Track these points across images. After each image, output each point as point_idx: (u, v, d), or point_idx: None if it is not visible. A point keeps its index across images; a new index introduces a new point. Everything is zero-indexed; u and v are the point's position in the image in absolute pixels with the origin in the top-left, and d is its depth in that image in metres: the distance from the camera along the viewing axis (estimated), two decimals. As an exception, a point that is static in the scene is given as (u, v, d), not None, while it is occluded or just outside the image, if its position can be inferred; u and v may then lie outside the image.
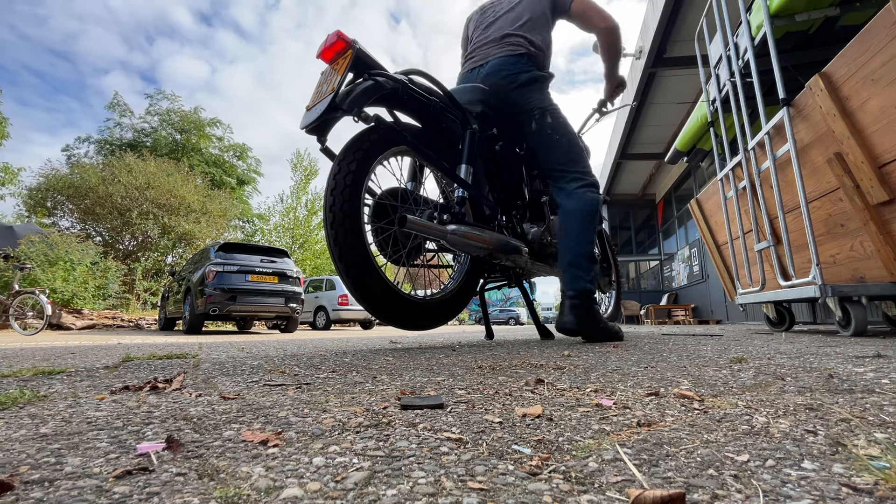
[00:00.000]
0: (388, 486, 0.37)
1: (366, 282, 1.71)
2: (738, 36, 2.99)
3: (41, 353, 1.98)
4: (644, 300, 12.68)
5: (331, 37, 1.71)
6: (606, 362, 1.23)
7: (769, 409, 0.63)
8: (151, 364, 1.38)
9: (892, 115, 1.90)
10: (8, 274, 7.91)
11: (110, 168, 15.12)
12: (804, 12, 2.73)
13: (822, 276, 2.28)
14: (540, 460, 0.43)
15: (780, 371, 1.00)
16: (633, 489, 0.35)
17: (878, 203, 2.06)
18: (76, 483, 0.38)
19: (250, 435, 0.52)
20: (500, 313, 25.22)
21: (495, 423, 0.58)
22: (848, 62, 2.07)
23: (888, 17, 1.84)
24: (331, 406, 0.69)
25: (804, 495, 0.35)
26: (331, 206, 1.68)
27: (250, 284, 6.80)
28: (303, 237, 19.89)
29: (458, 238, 1.84)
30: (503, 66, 2.18)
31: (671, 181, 11.49)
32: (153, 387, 0.88)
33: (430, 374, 1.05)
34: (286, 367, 1.23)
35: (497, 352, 1.68)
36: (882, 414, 0.59)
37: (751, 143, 2.81)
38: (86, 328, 8.34)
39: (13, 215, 16.19)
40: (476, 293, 2.45)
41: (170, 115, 20.25)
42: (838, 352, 1.41)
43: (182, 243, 15.45)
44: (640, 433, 0.52)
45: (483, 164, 2.22)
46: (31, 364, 1.42)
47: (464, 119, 2.05)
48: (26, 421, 0.62)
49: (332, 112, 1.63)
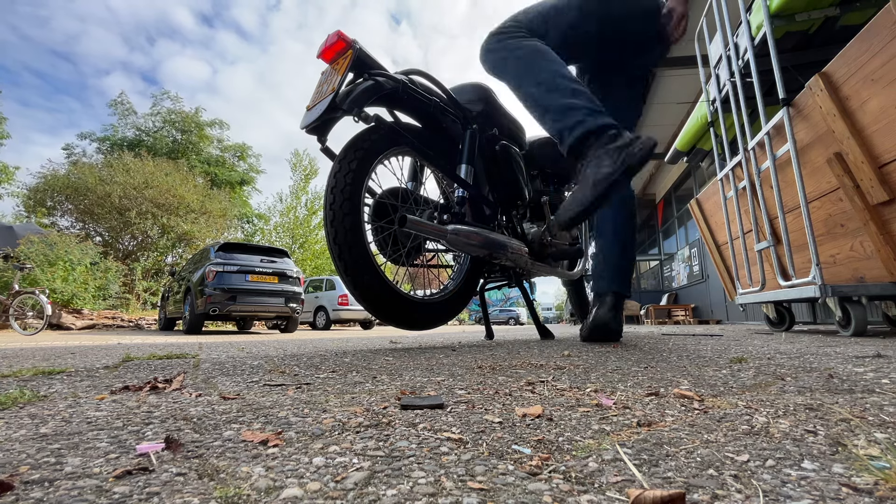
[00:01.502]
0: (388, 486, 0.37)
1: (365, 281, 1.71)
2: (738, 36, 2.99)
3: (41, 353, 1.98)
4: (644, 300, 12.69)
5: (331, 37, 1.71)
6: (606, 362, 1.23)
7: (769, 409, 0.63)
8: (151, 364, 1.38)
9: (892, 115, 1.90)
10: (8, 274, 7.92)
11: (108, 168, 15.13)
12: (804, 12, 2.73)
13: (822, 276, 2.28)
14: (540, 460, 0.43)
15: (780, 371, 1.00)
16: (633, 489, 0.35)
17: (878, 203, 2.06)
18: (76, 483, 0.38)
19: (250, 435, 0.52)
20: (500, 313, 25.22)
21: (495, 423, 0.58)
22: (848, 62, 2.07)
23: (888, 17, 1.84)
24: (331, 406, 0.69)
25: (804, 495, 0.35)
26: (331, 204, 1.68)
27: (250, 284, 6.80)
28: (303, 237, 19.89)
29: (458, 238, 1.84)
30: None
31: (671, 181, 11.49)
32: (153, 387, 0.88)
33: (430, 374, 1.05)
34: (286, 367, 1.23)
35: (497, 352, 1.68)
36: (882, 414, 0.59)
37: (751, 143, 2.81)
38: (86, 328, 8.34)
39: (13, 215, 16.20)
40: (476, 293, 2.45)
41: (171, 116, 20.29)
42: (838, 352, 1.41)
43: (182, 243, 15.46)
44: (640, 433, 0.52)
45: (483, 163, 2.22)
46: (31, 364, 1.42)
47: (464, 119, 2.05)
48: (26, 421, 0.62)
49: (332, 112, 1.63)
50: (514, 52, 1.77)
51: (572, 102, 1.61)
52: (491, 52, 1.84)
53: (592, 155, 1.54)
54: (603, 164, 1.51)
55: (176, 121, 20.33)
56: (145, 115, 20.22)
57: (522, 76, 1.73)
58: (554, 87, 1.65)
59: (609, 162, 1.50)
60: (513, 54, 1.77)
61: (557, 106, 1.63)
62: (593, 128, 1.55)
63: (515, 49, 1.77)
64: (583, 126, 1.56)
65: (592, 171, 1.52)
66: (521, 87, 1.73)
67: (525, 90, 1.72)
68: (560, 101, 1.62)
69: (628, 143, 1.49)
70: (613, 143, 1.52)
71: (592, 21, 1.88)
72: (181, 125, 20.32)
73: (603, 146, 1.53)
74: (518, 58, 1.75)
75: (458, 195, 2.00)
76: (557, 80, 1.66)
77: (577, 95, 1.62)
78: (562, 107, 1.62)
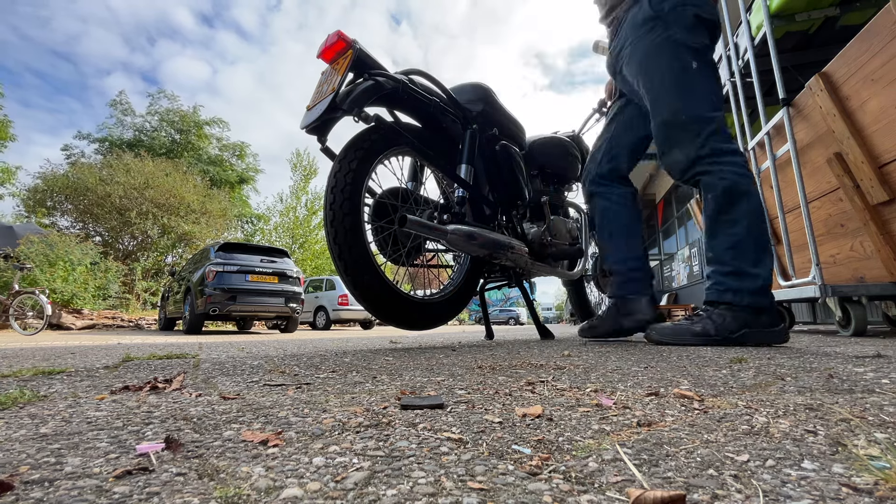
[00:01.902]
0: (388, 486, 0.37)
1: (365, 280, 1.71)
2: (738, 36, 2.99)
3: (41, 353, 1.98)
4: (644, 300, 12.65)
5: (331, 37, 1.71)
6: (606, 362, 1.23)
7: (769, 409, 0.63)
8: (151, 364, 1.38)
9: (892, 115, 1.90)
10: (8, 274, 7.91)
11: (108, 168, 15.13)
12: (804, 12, 2.74)
13: (822, 276, 2.28)
14: (540, 460, 0.43)
15: (780, 371, 1.00)
16: (633, 489, 0.35)
17: (878, 203, 2.06)
18: (76, 483, 0.38)
19: (250, 435, 0.52)
20: (500, 313, 25.24)
21: (495, 423, 0.58)
22: (848, 62, 2.07)
23: (888, 17, 1.84)
24: (331, 406, 0.69)
25: (804, 495, 0.35)
26: (331, 203, 1.68)
27: (250, 284, 6.80)
28: (303, 237, 19.90)
29: (458, 238, 1.84)
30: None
31: (671, 181, 11.49)
32: (153, 387, 0.88)
33: (430, 374, 1.05)
34: (286, 367, 1.23)
35: (497, 352, 1.68)
36: (882, 414, 0.59)
37: (751, 143, 2.81)
38: (86, 328, 8.34)
39: (13, 215, 16.21)
40: (476, 293, 2.45)
41: (169, 115, 20.28)
42: (838, 352, 1.41)
43: (182, 243, 15.46)
44: (640, 433, 0.52)
45: (483, 163, 2.22)
46: (31, 364, 1.42)
47: (464, 119, 2.05)
48: (26, 421, 0.62)
49: (332, 112, 1.63)
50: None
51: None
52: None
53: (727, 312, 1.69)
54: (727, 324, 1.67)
55: (174, 120, 20.32)
56: (142, 115, 20.22)
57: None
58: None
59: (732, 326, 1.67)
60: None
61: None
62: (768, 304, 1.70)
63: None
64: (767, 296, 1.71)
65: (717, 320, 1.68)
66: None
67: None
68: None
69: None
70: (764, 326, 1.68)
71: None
72: (179, 124, 20.30)
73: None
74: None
75: (458, 195, 2.00)
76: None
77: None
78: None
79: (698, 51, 1.82)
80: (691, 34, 1.81)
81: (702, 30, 1.82)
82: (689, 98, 1.80)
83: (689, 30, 1.81)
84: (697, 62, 1.81)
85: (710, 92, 1.81)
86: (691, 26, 1.81)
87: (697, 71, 1.80)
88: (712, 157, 1.77)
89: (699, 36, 1.82)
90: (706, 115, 1.78)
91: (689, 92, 1.80)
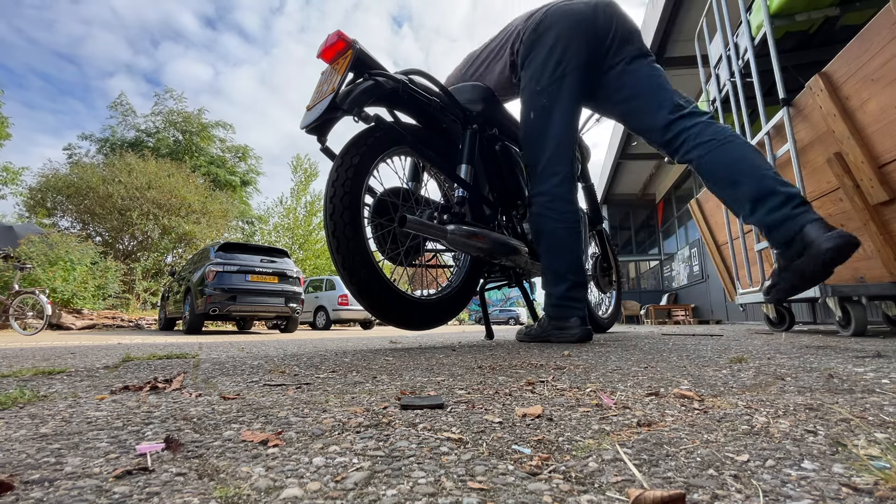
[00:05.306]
0: (388, 486, 0.37)
1: (362, 276, 1.71)
2: (738, 36, 2.99)
3: (41, 353, 1.98)
4: (644, 300, 12.69)
5: (331, 37, 1.71)
6: (606, 362, 1.23)
7: (769, 409, 0.63)
8: (151, 364, 1.38)
9: (892, 115, 1.90)
10: (8, 274, 7.91)
11: (111, 168, 15.13)
12: (804, 12, 2.74)
13: (822, 276, 2.28)
14: (540, 460, 0.43)
15: (780, 371, 1.00)
16: (633, 489, 0.35)
17: (878, 203, 2.06)
18: (76, 483, 0.38)
19: (250, 435, 0.52)
20: (500, 313, 25.20)
21: (495, 423, 0.58)
22: (848, 62, 2.07)
23: (888, 17, 1.84)
24: (331, 406, 0.69)
25: (804, 495, 0.35)
26: (331, 197, 1.67)
27: (250, 284, 6.80)
28: (303, 237, 19.90)
29: (458, 238, 1.83)
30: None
31: (671, 181, 11.49)
32: (153, 387, 0.88)
33: (430, 374, 1.05)
34: (286, 367, 1.23)
35: (497, 352, 1.68)
36: (882, 414, 0.59)
37: (751, 143, 2.81)
38: (86, 328, 8.34)
39: (13, 215, 16.20)
40: (476, 293, 2.45)
41: (172, 116, 20.28)
42: (838, 352, 1.41)
43: (182, 243, 15.45)
44: (640, 433, 0.52)
45: (483, 163, 2.22)
46: (31, 364, 1.42)
47: (464, 119, 2.05)
48: (26, 421, 0.62)
49: (332, 112, 1.63)
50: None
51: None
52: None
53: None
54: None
55: (178, 121, 20.31)
56: (146, 116, 20.21)
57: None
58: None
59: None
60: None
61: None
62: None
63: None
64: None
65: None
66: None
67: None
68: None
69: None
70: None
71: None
72: (183, 125, 20.29)
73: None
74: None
75: (458, 195, 2.00)
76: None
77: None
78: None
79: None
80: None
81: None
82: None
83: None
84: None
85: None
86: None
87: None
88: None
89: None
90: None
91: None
